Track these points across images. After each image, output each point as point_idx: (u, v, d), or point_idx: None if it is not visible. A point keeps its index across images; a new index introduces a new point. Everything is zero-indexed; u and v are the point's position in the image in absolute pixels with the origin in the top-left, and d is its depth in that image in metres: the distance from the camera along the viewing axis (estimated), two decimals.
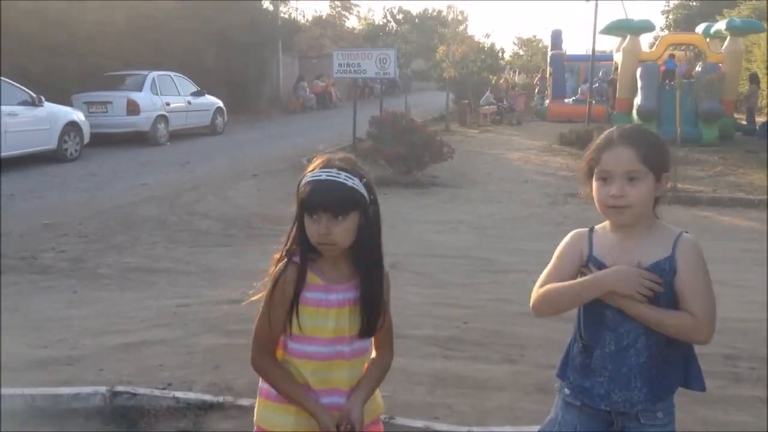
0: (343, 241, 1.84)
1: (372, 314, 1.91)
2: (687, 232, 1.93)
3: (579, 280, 1.88)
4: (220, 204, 9.69)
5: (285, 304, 1.87)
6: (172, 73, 17.49)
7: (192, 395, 3.52)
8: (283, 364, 1.93)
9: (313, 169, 1.88)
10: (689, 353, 1.94)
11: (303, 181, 1.87)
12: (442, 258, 7.02)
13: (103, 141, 14.74)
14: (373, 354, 2.02)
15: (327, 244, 1.84)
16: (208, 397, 3.48)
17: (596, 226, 1.97)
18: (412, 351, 4.23)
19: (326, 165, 1.86)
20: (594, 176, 1.88)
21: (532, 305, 1.95)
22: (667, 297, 1.84)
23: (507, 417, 3.39)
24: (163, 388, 3.62)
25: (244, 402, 3.37)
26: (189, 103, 17.52)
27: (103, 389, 3.58)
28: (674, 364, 1.91)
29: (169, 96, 16.72)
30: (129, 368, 4.00)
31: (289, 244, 1.92)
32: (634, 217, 1.86)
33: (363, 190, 1.86)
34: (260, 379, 2.00)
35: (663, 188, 1.89)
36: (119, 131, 15.43)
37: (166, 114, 16.36)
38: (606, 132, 1.92)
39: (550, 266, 1.97)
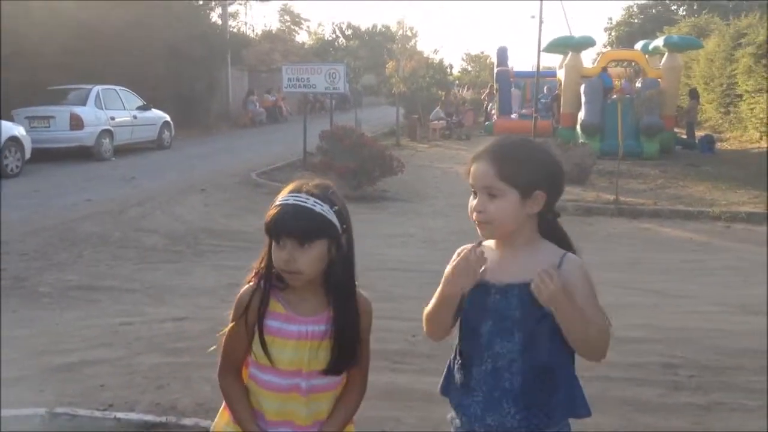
0: (308, 271, 1.77)
1: (341, 353, 1.82)
2: (573, 253, 1.82)
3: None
4: (166, 220, 9.53)
5: (245, 328, 1.82)
6: (117, 87, 17.23)
7: (134, 416, 3.44)
8: (250, 390, 1.88)
9: (283, 194, 1.81)
10: (571, 380, 1.83)
11: (271, 206, 1.79)
12: (392, 272, 7.04)
13: (45, 157, 14.40)
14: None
15: (291, 273, 1.77)
16: (150, 418, 3.41)
17: (485, 242, 1.89)
18: None
19: (296, 190, 1.80)
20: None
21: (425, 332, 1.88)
22: (546, 318, 1.73)
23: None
24: (104, 409, 3.53)
25: (188, 422, 3.31)
26: (135, 117, 17.26)
27: (42, 411, 3.48)
28: (554, 392, 1.78)
29: (113, 110, 16.46)
30: (70, 389, 3.90)
31: (259, 266, 1.86)
32: (495, 231, 1.81)
33: (333, 218, 1.79)
34: None
35: (537, 206, 1.79)
36: (62, 146, 15.12)
37: (111, 129, 16.09)
38: (488, 143, 1.88)
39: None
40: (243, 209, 10.32)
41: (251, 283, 1.86)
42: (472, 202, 1.83)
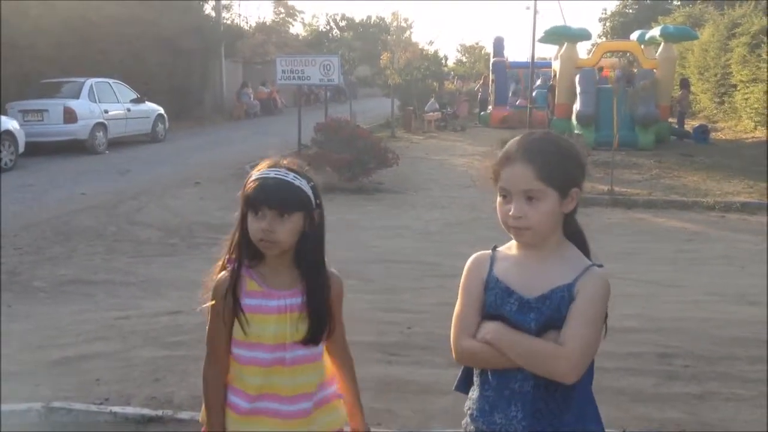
0: (285, 241, 1.85)
1: (317, 322, 1.90)
2: (600, 266, 1.73)
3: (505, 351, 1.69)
4: (161, 213, 9.51)
5: (226, 312, 1.88)
6: (110, 80, 17.15)
7: (130, 409, 3.44)
8: (232, 371, 1.94)
9: (260, 169, 1.89)
10: (586, 394, 1.76)
11: (250, 179, 1.88)
12: (388, 263, 7.04)
13: (39, 150, 14.34)
14: (331, 364, 2.07)
15: (269, 242, 1.84)
16: (146, 411, 3.41)
17: (500, 246, 1.82)
18: (356, 357, 4.21)
19: (274, 165, 1.89)
20: (497, 191, 1.74)
21: (457, 358, 1.77)
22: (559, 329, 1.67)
23: (450, 421, 3.40)
24: (100, 403, 3.53)
25: (184, 415, 3.31)
26: (128, 110, 17.19)
27: (38, 405, 3.47)
28: (567, 405, 1.70)
29: (107, 103, 16.38)
30: (66, 383, 3.89)
31: (229, 250, 1.94)
32: (535, 237, 1.70)
33: (309, 192, 1.88)
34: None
35: (572, 204, 1.71)
36: (56, 140, 15.03)
37: (105, 122, 16.03)
38: (509, 143, 1.75)
39: (458, 305, 1.79)
40: (237, 202, 10.29)
41: (224, 271, 1.93)
42: (504, 207, 1.71)
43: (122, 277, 6.48)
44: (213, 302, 1.92)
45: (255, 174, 1.88)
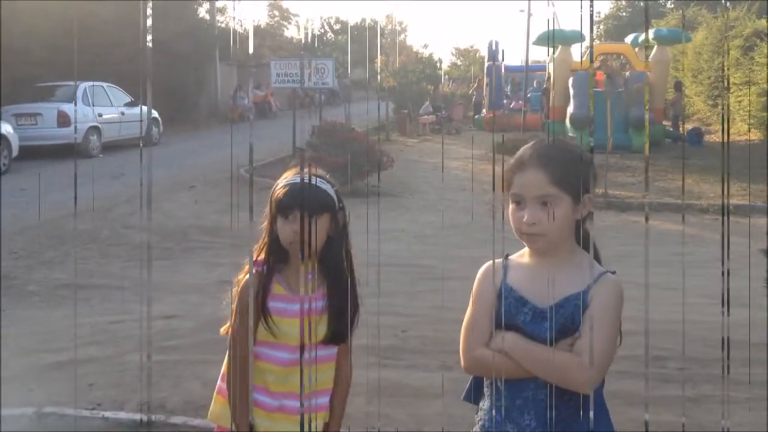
0: (314, 241, 1.94)
1: (338, 321, 2.00)
2: (613, 272, 1.75)
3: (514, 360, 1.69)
4: (155, 217, 9.47)
5: (251, 312, 1.95)
6: (104, 84, 17.13)
7: (123, 415, 3.43)
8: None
9: (286, 177, 2.03)
10: (599, 401, 1.75)
11: (278, 186, 2.00)
12: (382, 267, 7.00)
13: (33, 154, 14.29)
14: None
15: (299, 243, 1.92)
16: (139, 416, 3.40)
17: (512, 255, 1.81)
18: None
19: (299, 172, 2.02)
20: (510, 198, 1.73)
21: (466, 367, 1.76)
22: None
23: (444, 424, 3.41)
24: (93, 408, 3.52)
25: (177, 420, 3.31)
26: (122, 114, 17.15)
27: (29, 411, 3.46)
28: (577, 411, 1.68)
29: (101, 107, 16.37)
30: (59, 388, 3.88)
31: (258, 253, 2.03)
32: (548, 244, 1.70)
33: (333, 195, 2.03)
34: (220, 378, 2.10)
35: (585, 210, 1.72)
36: (50, 144, 14.98)
37: (99, 125, 16.00)
38: (521, 149, 1.74)
39: (470, 313, 1.77)
40: (233, 205, 10.29)
41: (253, 272, 2.00)
42: (518, 213, 1.69)
43: (116, 282, 6.46)
44: (238, 302, 1.99)
45: (282, 181, 2.00)
